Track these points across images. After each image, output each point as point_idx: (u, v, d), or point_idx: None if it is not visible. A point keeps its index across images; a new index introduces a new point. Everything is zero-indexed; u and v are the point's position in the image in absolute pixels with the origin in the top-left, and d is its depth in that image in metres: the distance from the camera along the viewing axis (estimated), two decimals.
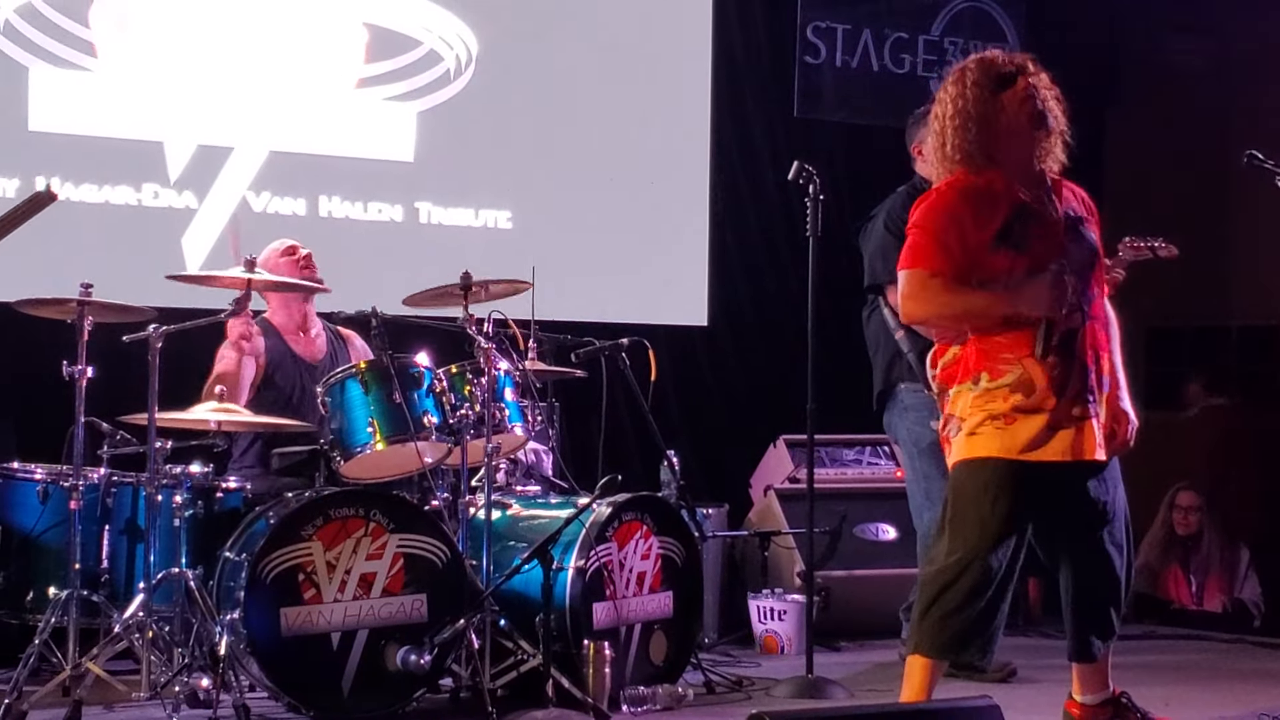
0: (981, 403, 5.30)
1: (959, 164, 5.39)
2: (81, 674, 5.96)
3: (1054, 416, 5.25)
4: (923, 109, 6.74)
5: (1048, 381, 5.25)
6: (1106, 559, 5.51)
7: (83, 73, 7.69)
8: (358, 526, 6.03)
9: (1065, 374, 5.27)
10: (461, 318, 6.49)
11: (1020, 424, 5.26)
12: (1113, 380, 5.44)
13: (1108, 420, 5.37)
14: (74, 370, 6.11)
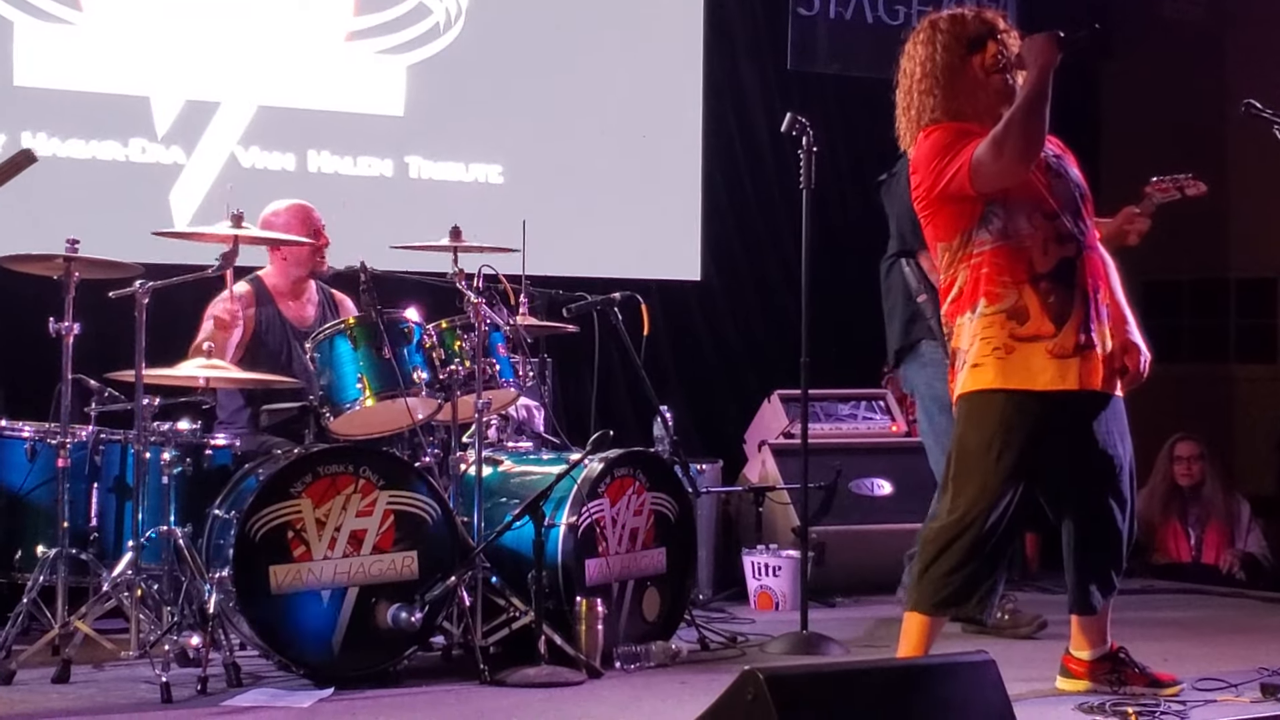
0: (980, 330, 5.33)
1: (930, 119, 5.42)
2: (70, 633, 5.98)
3: (1055, 345, 5.28)
4: None
5: (1042, 308, 5.28)
6: (1110, 512, 5.53)
7: (68, 26, 7.66)
8: (347, 483, 6.01)
9: (1063, 301, 5.30)
10: (451, 272, 6.47)
11: (1019, 353, 5.29)
12: (1117, 312, 5.45)
13: (1116, 351, 5.39)
14: (61, 327, 6.10)
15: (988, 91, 5.40)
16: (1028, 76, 5.27)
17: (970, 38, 5.45)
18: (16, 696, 5.71)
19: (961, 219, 5.38)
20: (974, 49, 5.44)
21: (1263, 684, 5.68)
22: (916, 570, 5.46)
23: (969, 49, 5.44)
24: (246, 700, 5.62)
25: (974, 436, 5.39)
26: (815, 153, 6.76)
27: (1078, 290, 5.33)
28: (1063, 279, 5.32)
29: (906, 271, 6.82)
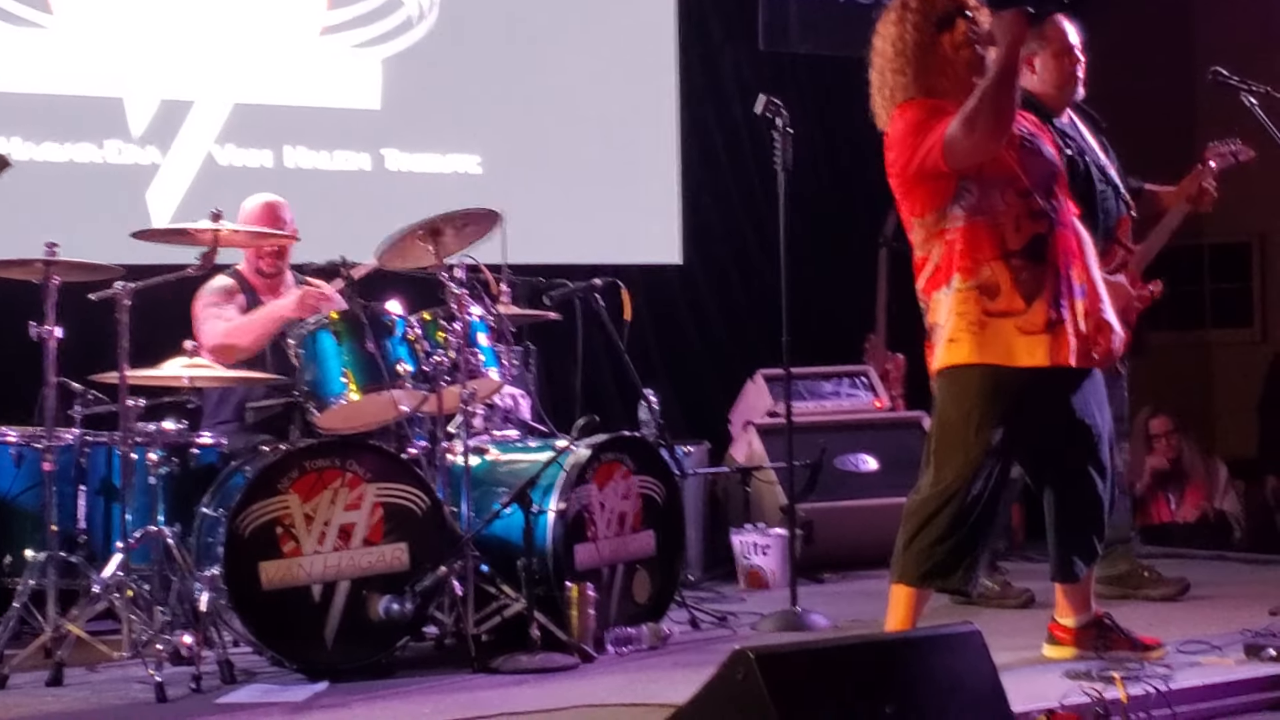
0: (955, 305, 5.37)
1: (903, 97, 5.44)
2: (62, 635, 5.97)
3: (1024, 321, 5.31)
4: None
5: (1013, 284, 5.32)
6: (1090, 482, 5.56)
7: (37, 30, 7.66)
8: (334, 477, 6.02)
9: (1034, 278, 5.33)
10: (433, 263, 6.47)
11: (992, 328, 5.33)
12: (1091, 290, 5.48)
13: (1090, 330, 5.41)
14: (42, 331, 6.10)
15: (959, 68, 5.42)
16: (997, 52, 5.29)
17: (940, 15, 5.47)
18: (11, 701, 5.71)
19: (936, 196, 5.40)
20: (943, 27, 5.46)
21: (1246, 645, 5.71)
22: (901, 543, 5.48)
23: (939, 27, 5.46)
24: (241, 697, 5.62)
25: (953, 410, 5.43)
26: (790, 134, 6.77)
27: (1049, 267, 5.36)
28: (1034, 255, 5.35)
29: None
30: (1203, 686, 5.31)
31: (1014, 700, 4.56)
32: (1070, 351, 5.36)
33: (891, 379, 8.95)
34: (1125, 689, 4.96)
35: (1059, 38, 6.69)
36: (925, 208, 5.44)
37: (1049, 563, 5.74)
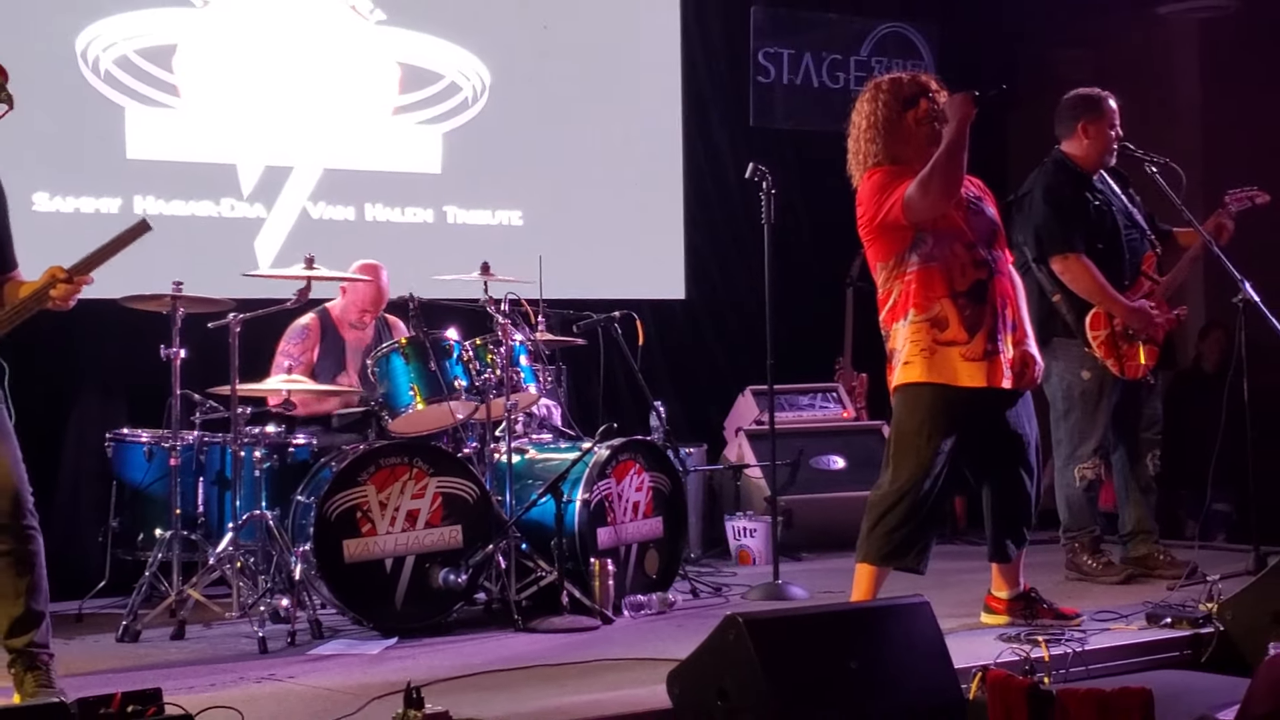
0: (910, 334, 5.39)
1: (872, 163, 5.44)
2: (184, 599, 6.02)
3: (968, 351, 5.33)
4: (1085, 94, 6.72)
5: (959, 320, 5.34)
6: (1020, 480, 5.58)
7: (169, 110, 7.65)
8: (404, 472, 6.04)
9: (976, 315, 5.36)
10: (483, 299, 6.49)
11: (940, 354, 5.35)
12: (1020, 327, 5.50)
13: (1016, 360, 5.42)
14: (170, 352, 6.14)
15: (919, 140, 5.43)
16: (948, 128, 5.30)
17: (905, 97, 5.48)
18: (142, 651, 5.75)
19: (896, 244, 5.41)
20: (908, 106, 5.47)
21: (1148, 614, 5.71)
22: (865, 529, 5.49)
23: (904, 106, 5.47)
24: (327, 649, 5.65)
25: (908, 421, 5.43)
26: (774, 194, 6.78)
27: (988, 306, 5.38)
28: (976, 297, 5.37)
29: (1040, 275, 6.65)
30: (1111, 648, 5.33)
31: (956, 659, 4.56)
32: (1004, 376, 5.38)
33: (856, 394, 8.94)
34: (1048, 650, 4.97)
35: (1111, 116, 6.67)
36: (887, 254, 5.45)
37: (987, 545, 5.74)
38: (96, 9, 7.46)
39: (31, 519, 4.73)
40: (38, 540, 4.74)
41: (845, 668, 4.26)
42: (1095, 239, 6.61)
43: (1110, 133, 6.67)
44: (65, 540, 6.73)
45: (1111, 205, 6.71)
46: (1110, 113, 6.68)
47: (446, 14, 8.40)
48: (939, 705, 4.36)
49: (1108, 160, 6.73)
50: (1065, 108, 6.78)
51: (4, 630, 4.74)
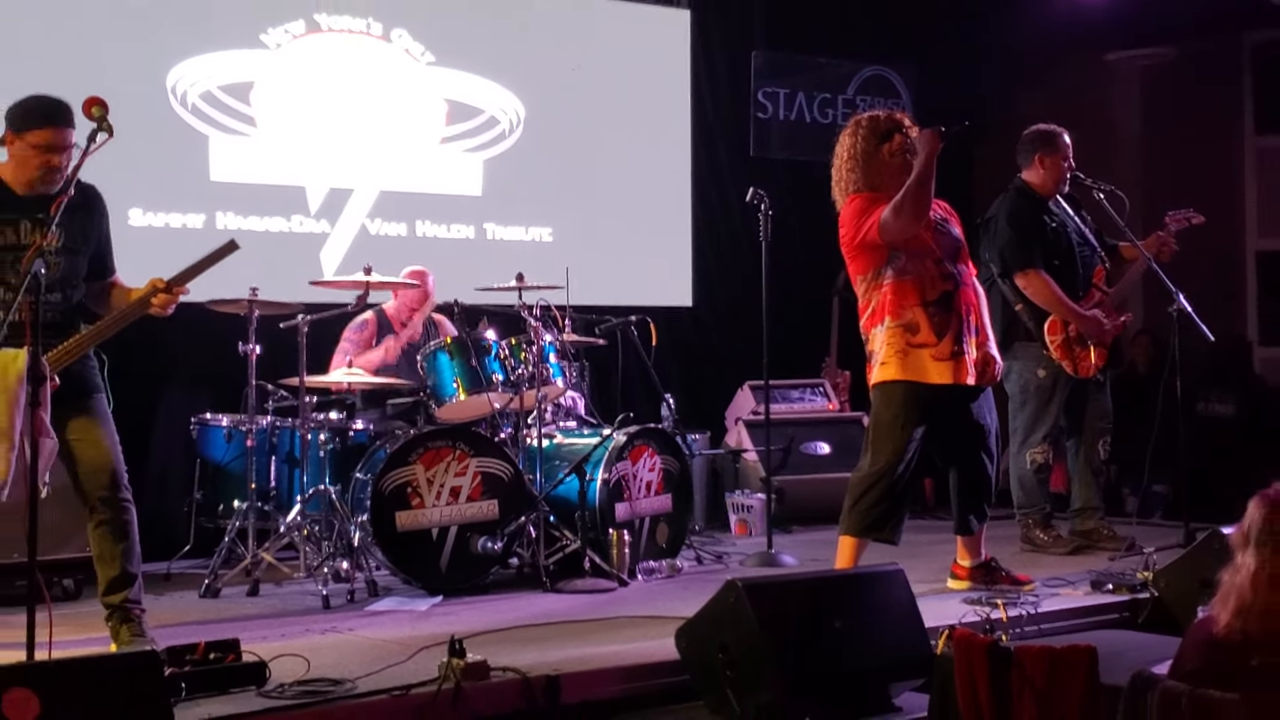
0: (887, 339, 5.40)
1: (852, 190, 5.44)
2: (258, 561, 6.06)
3: (937, 352, 5.36)
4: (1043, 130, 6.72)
5: (928, 325, 5.36)
6: (982, 464, 5.60)
7: (246, 138, 7.67)
8: (448, 453, 6.06)
9: (943, 322, 5.38)
10: (517, 304, 6.51)
11: (913, 356, 5.37)
12: (982, 331, 5.52)
13: (979, 360, 5.44)
14: (247, 348, 6.17)
15: (893, 169, 5.43)
16: (918, 160, 5.31)
17: (881, 132, 5.48)
18: (222, 606, 5.78)
19: (874, 260, 5.42)
20: (884, 140, 5.47)
21: (1092, 580, 5.74)
22: (847, 506, 5.49)
23: (880, 140, 5.48)
24: (382, 606, 5.67)
25: (885, 413, 5.45)
26: (770, 215, 6.79)
27: (954, 314, 5.39)
28: (944, 305, 5.39)
29: (1004, 288, 6.65)
30: (1060, 610, 5.36)
31: (925, 619, 4.58)
32: (968, 374, 5.39)
33: (840, 389, 8.93)
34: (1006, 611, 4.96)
35: (1065, 147, 6.67)
36: (866, 268, 5.46)
37: (953, 520, 5.75)
38: (185, 51, 7.47)
39: (126, 492, 4.77)
40: (131, 511, 4.78)
41: (830, 626, 4.27)
42: (1052, 256, 6.63)
43: (1064, 163, 6.67)
44: (155, 510, 6.75)
45: (1066, 227, 6.73)
46: (1064, 146, 6.69)
47: (488, 57, 8.40)
48: (910, 659, 4.37)
49: (1062, 187, 6.73)
50: (1025, 141, 6.78)
51: (103, 588, 4.78)
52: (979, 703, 3.81)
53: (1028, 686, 3.74)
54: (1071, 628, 5.24)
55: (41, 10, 7.06)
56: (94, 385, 4.79)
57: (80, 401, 4.69)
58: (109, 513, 4.71)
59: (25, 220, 4.61)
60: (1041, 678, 3.74)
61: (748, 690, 4.12)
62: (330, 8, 7.93)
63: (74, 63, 6.93)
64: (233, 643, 4.19)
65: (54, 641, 4.17)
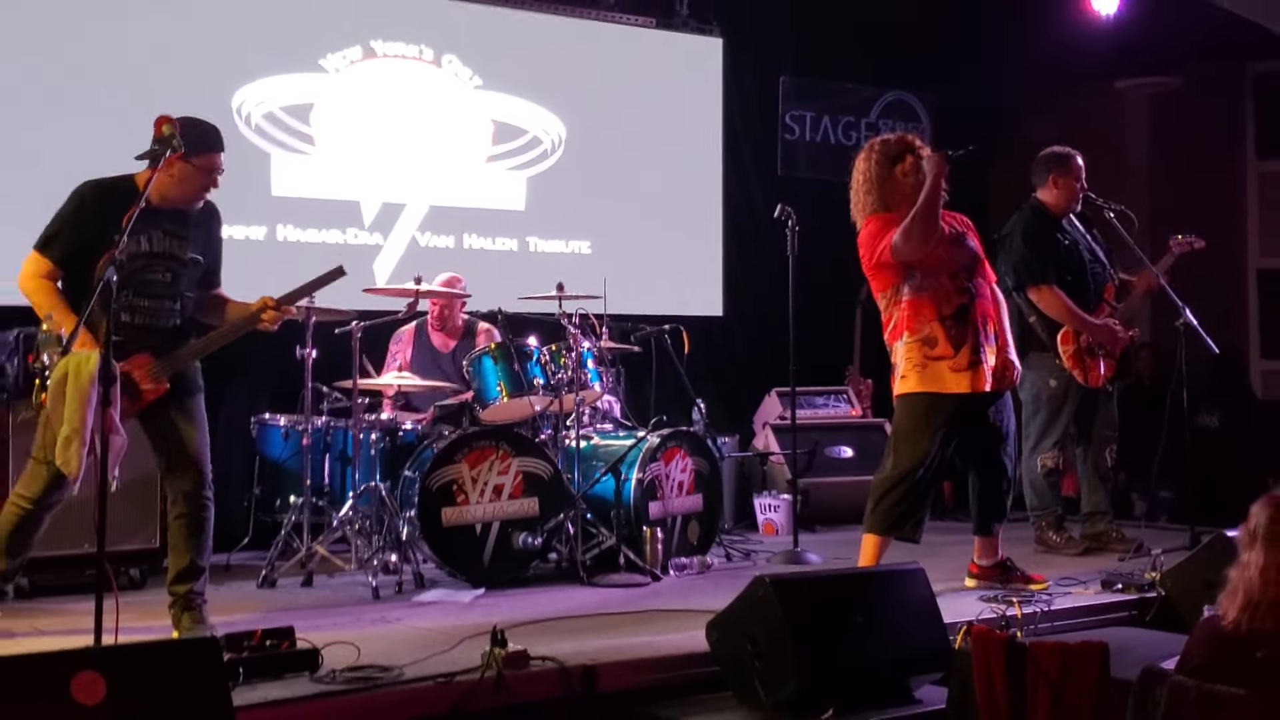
0: (906, 352, 5.36)
1: (869, 211, 5.40)
2: (312, 554, 6.04)
3: (955, 363, 5.31)
4: (1058, 152, 6.66)
5: (945, 339, 5.31)
6: (1001, 466, 5.56)
7: (305, 155, 7.68)
8: (492, 453, 6.03)
9: (960, 334, 5.32)
10: (558, 313, 6.48)
11: (931, 368, 5.32)
12: (1001, 337, 5.46)
13: (998, 366, 5.37)
14: (304, 353, 6.16)
15: (906, 190, 5.38)
16: (926, 184, 5.25)
17: (893, 155, 5.44)
18: (278, 596, 5.77)
19: (892, 278, 5.37)
20: (895, 162, 5.42)
21: (1102, 580, 5.67)
22: (870, 507, 5.44)
23: (892, 162, 5.43)
24: (429, 597, 5.65)
25: (906, 422, 5.40)
26: (797, 231, 6.76)
27: (970, 325, 5.33)
28: (960, 319, 5.33)
29: (1019, 301, 6.58)
30: (1072, 608, 5.30)
31: (944, 616, 4.53)
32: (986, 381, 5.33)
33: (863, 396, 8.88)
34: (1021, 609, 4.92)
35: (1077, 168, 6.62)
36: (885, 286, 5.41)
37: (972, 521, 5.69)
38: (248, 74, 7.48)
39: (209, 491, 4.81)
40: (210, 509, 4.82)
41: (854, 621, 4.22)
42: (1065, 272, 6.57)
43: (1076, 184, 6.62)
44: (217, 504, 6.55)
45: (1078, 244, 6.68)
46: (1077, 168, 6.63)
47: (531, 80, 8.39)
48: (930, 654, 4.33)
49: (1074, 206, 6.67)
50: (1039, 162, 6.73)
51: (171, 577, 4.78)
52: (995, 695, 3.77)
53: (1042, 680, 3.70)
54: (1083, 625, 5.17)
55: (115, 35, 7.07)
56: (196, 386, 4.87)
57: (182, 401, 4.76)
58: (189, 507, 4.74)
59: (157, 231, 4.63)
60: (1055, 672, 3.69)
61: (774, 681, 4.08)
62: (385, 35, 7.93)
63: (146, 85, 6.95)
64: (287, 630, 4.17)
65: (119, 628, 4.15)
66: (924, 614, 4.42)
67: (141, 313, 4.66)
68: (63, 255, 4.62)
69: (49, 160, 6.60)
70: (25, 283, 4.64)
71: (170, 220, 4.67)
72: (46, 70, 6.87)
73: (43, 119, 6.79)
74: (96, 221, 4.55)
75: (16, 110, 6.77)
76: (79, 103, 6.87)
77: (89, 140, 6.60)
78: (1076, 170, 6.62)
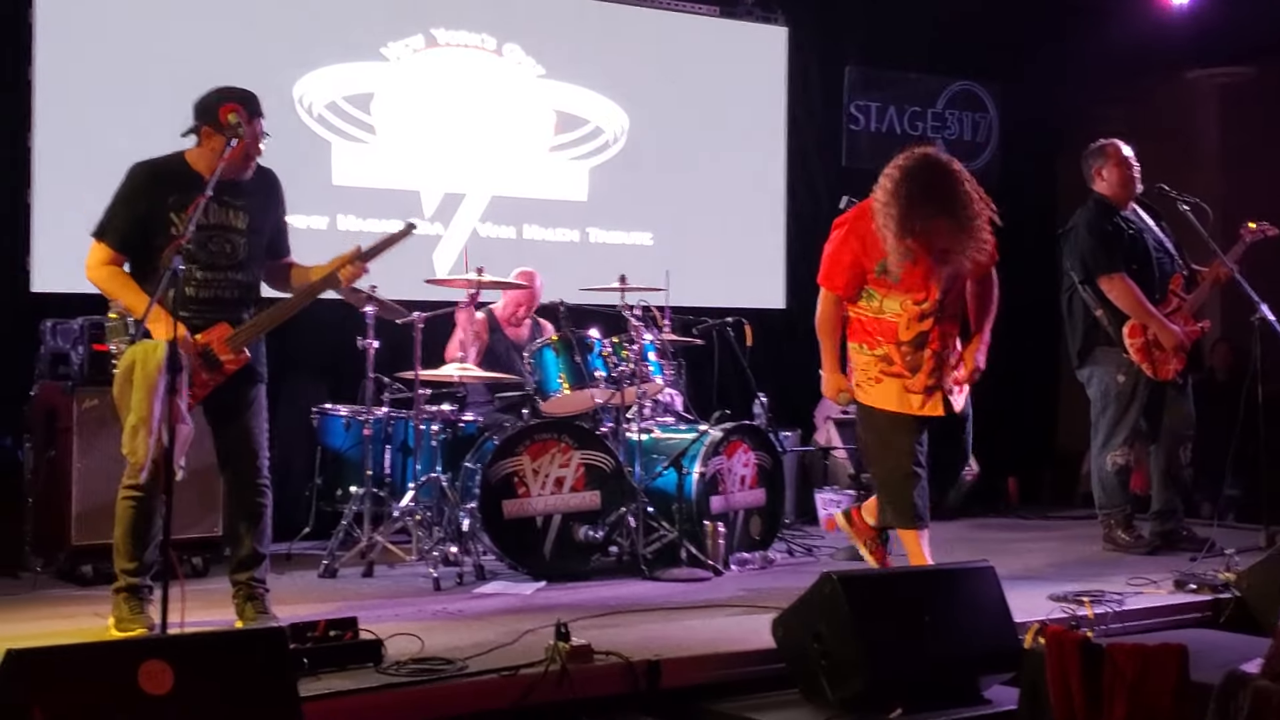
0: (861, 363, 5.36)
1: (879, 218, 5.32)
2: (373, 544, 6.06)
3: (911, 384, 5.28)
4: (1093, 145, 6.64)
5: (902, 361, 5.28)
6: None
7: (365, 145, 7.70)
8: (553, 445, 6.03)
9: (917, 359, 5.28)
10: (619, 304, 6.46)
11: (886, 384, 5.31)
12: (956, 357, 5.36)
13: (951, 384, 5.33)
14: (365, 343, 6.18)
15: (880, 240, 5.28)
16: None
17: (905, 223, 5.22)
18: (339, 586, 5.80)
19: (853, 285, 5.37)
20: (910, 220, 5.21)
21: (1175, 580, 5.58)
22: (887, 505, 5.41)
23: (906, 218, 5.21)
24: (489, 589, 5.65)
25: (869, 436, 5.44)
26: None
27: (928, 351, 5.28)
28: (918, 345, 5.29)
29: (1085, 295, 6.55)
30: (1144, 608, 5.22)
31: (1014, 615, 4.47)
32: (941, 405, 5.29)
33: None
34: (1092, 609, 4.85)
35: (1115, 153, 6.55)
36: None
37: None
38: (310, 63, 7.51)
39: (266, 479, 4.81)
40: (268, 496, 4.84)
41: (922, 620, 4.17)
42: (1130, 262, 6.51)
43: (1121, 169, 6.56)
44: (278, 493, 6.54)
45: (1144, 234, 6.60)
46: (1115, 154, 6.58)
47: (594, 70, 8.37)
48: (1000, 653, 4.27)
49: (1133, 192, 6.60)
50: (1083, 161, 6.73)
51: (232, 566, 4.80)
52: (1071, 697, 3.71)
53: (1119, 682, 3.64)
54: (1155, 626, 5.09)
55: (177, 28, 7.11)
56: (259, 376, 4.88)
57: (244, 389, 4.77)
58: (247, 495, 4.77)
59: (213, 203, 4.64)
60: (1133, 674, 3.63)
61: (841, 679, 4.04)
62: (447, 24, 7.94)
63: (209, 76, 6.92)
64: (351, 621, 4.18)
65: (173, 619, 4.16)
66: (994, 613, 4.36)
67: (205, 286, 4.67)
68: (120, 240, 4.65)
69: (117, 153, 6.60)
70: (90, 273, 4.68)
71: (224, 191, 4.67)
72: (111, 66, 6.93)
73: (109, 112, 6.84)
74: (147, 200, 4.62)
75: (84, 104, 6.83)
76: (144, 95, 6.91)
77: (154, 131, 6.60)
78: (1117, 156, 6.56)
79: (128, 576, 4.68)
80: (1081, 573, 5.94)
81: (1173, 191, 6.58)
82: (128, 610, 4.66)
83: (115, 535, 4.70)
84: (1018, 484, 8.32)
